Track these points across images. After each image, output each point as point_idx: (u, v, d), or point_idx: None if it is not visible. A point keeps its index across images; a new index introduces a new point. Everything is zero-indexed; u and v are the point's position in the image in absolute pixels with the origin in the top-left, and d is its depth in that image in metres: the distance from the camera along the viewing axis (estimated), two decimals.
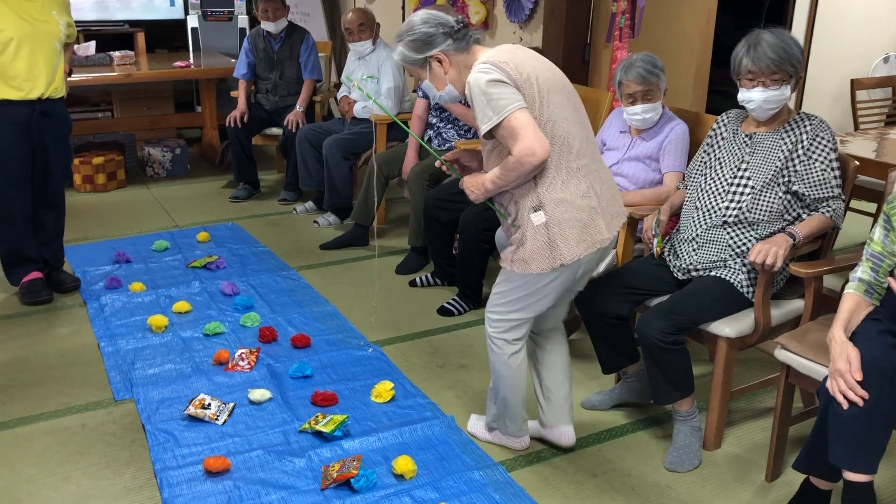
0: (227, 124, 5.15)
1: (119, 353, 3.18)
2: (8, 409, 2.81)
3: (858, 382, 1.93)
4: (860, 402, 1.92)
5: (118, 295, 3.71)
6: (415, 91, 4.69)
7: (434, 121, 4.19)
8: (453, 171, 2.49)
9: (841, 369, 1.97)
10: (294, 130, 4.94)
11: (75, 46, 5.76)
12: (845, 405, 1.94)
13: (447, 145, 4.12)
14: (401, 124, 2.59)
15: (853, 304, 2.13)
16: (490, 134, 2.22)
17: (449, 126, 4.13)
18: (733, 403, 2.83)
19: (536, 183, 2.23)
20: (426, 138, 4.21)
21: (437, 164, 2.51)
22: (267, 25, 5.07)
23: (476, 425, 2.70)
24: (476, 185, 2.34)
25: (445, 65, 2.30)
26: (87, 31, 6.29)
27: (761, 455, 2.57)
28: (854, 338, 2.06)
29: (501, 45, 2.31)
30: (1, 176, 3.48)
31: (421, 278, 3.93)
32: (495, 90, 2.15)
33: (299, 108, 5.06)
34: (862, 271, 2.16)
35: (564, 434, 2.59)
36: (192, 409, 2.74)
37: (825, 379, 2.03)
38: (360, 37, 4.62)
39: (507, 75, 2.16)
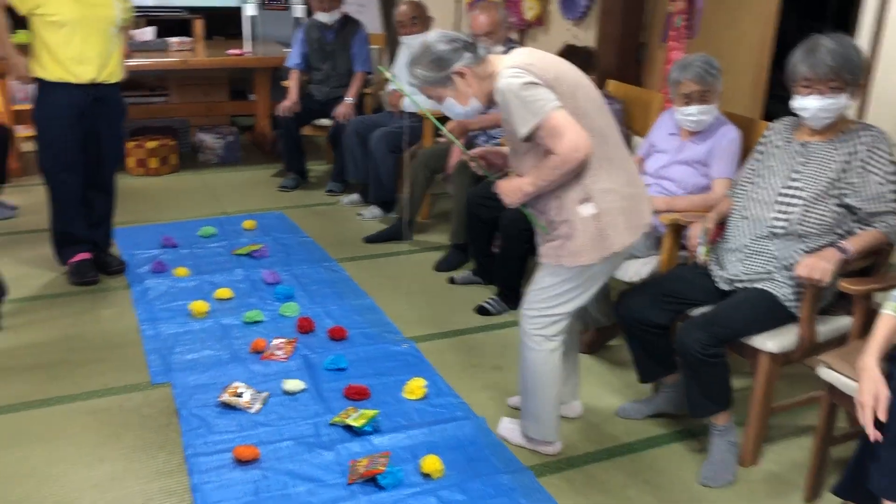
0: (277, 114, 5.20)
1: (160, 337, 3.23)
2: (50, 388, 2.88)
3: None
4: (877, 438, 1.86)
5: (162, 279, 3.77)
6: None
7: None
8: (482, 169, 2.48)
9: (864, 403, 1.90)
10: (343, 122, 4.96)
11: (133, 31, 5.88)
12: (871, 437, 1.87)
13: (493, 141, 4.09)
14: (432, 119, 2.58)
15: (890, 328, 2.02)
16: (528, 137, 2.21)
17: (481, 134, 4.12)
18: (774, 419, 2.75)
19: (581, 176, 2.25)
20: (481, 140, 4.17)
21: (463, 157, 2.52)
22: (321, 16, 5.09)
23: (507, 428, 2.67)
24: (512, 190, 2.32)
25: (468, 78, 2.30)
26: (146, 16, 6.40)
27: (800, 475, 2.49)
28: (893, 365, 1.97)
29: (516, 50, 2.33)
30: (54, 158, 3.58)
31: (461, 275, 3.91)
32: (530, 92, 2.17)
33: (349, 99, 5.07)
34: None
35: (573, 407, 2.76)
36: (225, 397, 2.76)
37: None
38: (411, 30, 4.60)
39: (537, 76, 2.19)
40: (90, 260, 3.78)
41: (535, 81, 2.17)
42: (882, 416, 1.88)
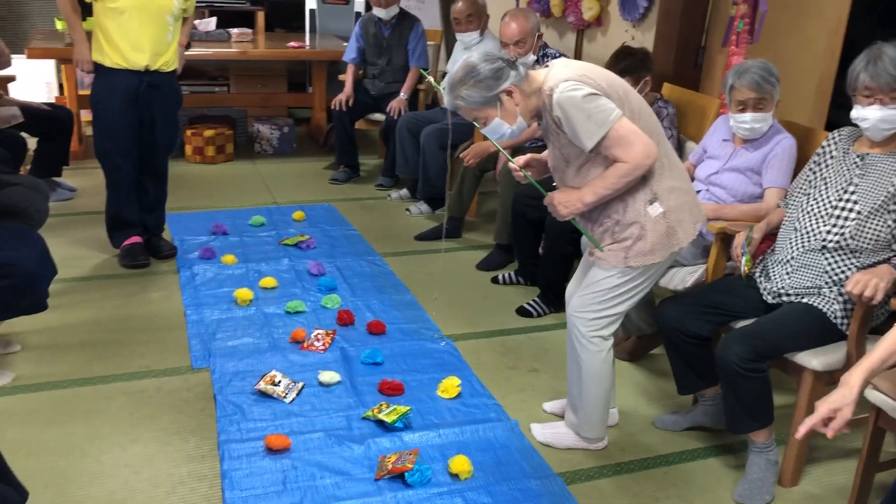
0: (332, 107, 5.24)
1: (203, 323, 3.28)
2: (94, 367, 2.94)
3: None
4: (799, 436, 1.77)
5: (210, 265, 3.83)
6: None
7: None
8: (530, 179, 2.44)
9: (820, 408, 1.77)
10: (396, 117, 4.97)
11: (196, 21, 5.99)
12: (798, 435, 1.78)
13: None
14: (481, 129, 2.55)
15: (892, 347, 1.83)
16: (593, 149, 2.21)
17: None
18: (817, 440, 2.65)
19: (646, 178, 2.27)
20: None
21: (509, 165, 2.49)
22: (378, 12, 5.11)
23: (551, 434, 2.62)
24: (570, 201, 2.31)
25: (516, 96, 2.27)
26: (209, 6, 6.52)
27: (842, 499, 2.40)
28: None
29: (556, 63, 2.30)
30: (109, 142, 3.67)
31: (504, 276, 3.88)
32: (593, 104, 2.17)
33: (403, 95, 5.08)
34: None
35: (610, 415, 2.68)
36: (262, 385, 2.79)
37: None
38: (467, 27, 4.58)
39: (594, 86, 2.19)
40: (141, 244, 3.86)
41: (594, 92, 2.18)
42: (829, 434, 1.73)
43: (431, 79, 2.61)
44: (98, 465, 2.41)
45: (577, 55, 5.12)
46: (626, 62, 3.40)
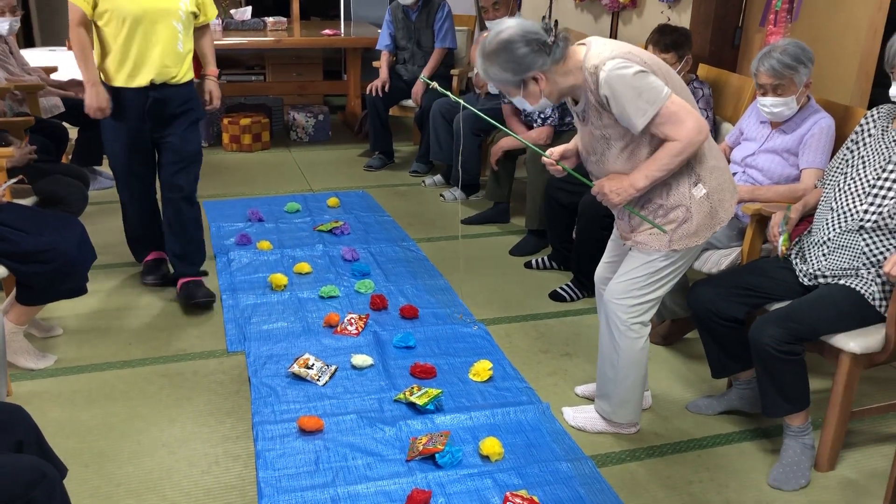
0: (367, 93, 5.26)
1: (238, 307, 3.33)
2: (132, 350, 3.01)
3: None
4: None
5: (246, 251, 3.87)
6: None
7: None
8: (570, 171, 2.42)
9: None
10: (416, 105, 5.00)
11: (232, 11, 6.05)
12: None
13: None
14: (483, 117, 2.56)
15: None
16: (643, 128, 2.16)
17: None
18: (855, 424, 2.61)
19: (689, 159, 2.22)
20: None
21: (544, 160, 2.46)
22: None
23: (583, 418, 2.61)
24: (622, 188, 2.25)
25: (542, 83, 2.19)
26: None
27: (879, 484, 2.35)
28: None
29: (592, 40, 2.22)
30: (119, 163, 3.33)
31: (537, 260, 3.86)
32: (644, 81, 2.11)
33: (422, 76, 5.07)
34: None
35: (646, 398, 2.68)
36: (295, 368, 2.82)
37: None
38: (494, 15, 4.56)
39: (642, 65, 2.13)
40: (165, 259, 3.54)
41: (644, 70, 2.11)
42: None
43: (435, 84, 2.59)
44: (136, 444, 2.47)
45: (613, 38, 5.06)
46: (671, 37, 3.34)
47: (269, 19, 5.98)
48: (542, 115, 4.03)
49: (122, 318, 3.24)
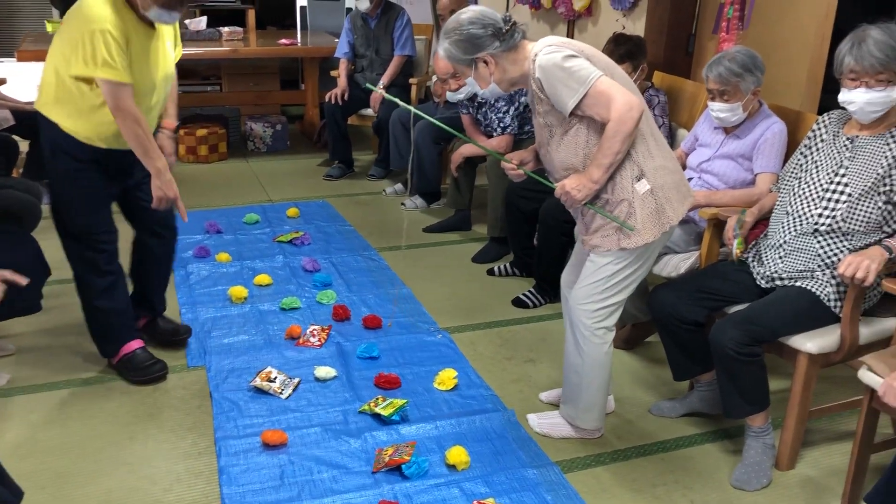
0: (326, 101, 5.23)
1: (198, 321, 3.28)
2: (90, 367, 2.94)
3: None
4: None
5: (205, 264, 3.82)
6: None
7: (479, 117, 4.23)
8: (530, 174, 2.44)
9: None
10: (374, 112, 5.02)
11: (187, 21, 5.98)
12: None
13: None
14: (440, 125, 2.58)
15: None
16: (574, 111, 2.20)
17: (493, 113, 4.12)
18: (813, 423, 2.66)
19: (632, 153, 2.26)
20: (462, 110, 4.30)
21: (504, 165, 2.48)
22: (360, 4, 5.11)
23: (548, 424, 2.62)
24: (581, 183, 2.27)
25: (491, 66, 2.28)
26: (200, 6, 6.50)
27: (838, 481, 2.40)
28: None
29: (545, 38, 2.31)
30: (80, 220, 2.76)
31: (499, 267, 3.88)
32: (573, 63, 2.18)
33: (381, 83, 5.08)
34: None
35: (609, 402, 2.71)
36: (257, 381, 2.79)
37: None
38: None
39: (577, 51, 2.20)
40: (144, 347, 2.93)
41: (574, 54, 2.19)
42: None
43: (383, 91, 2.63)
44: (95, 464, 2.41)
45: None
46: (626, 47, 3.39)
47: (225, 29, 5.92)
48: (501, 125, 4.05)
49: (79, 335, 3.16)
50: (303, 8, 6.80)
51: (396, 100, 2.65)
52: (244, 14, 6.69)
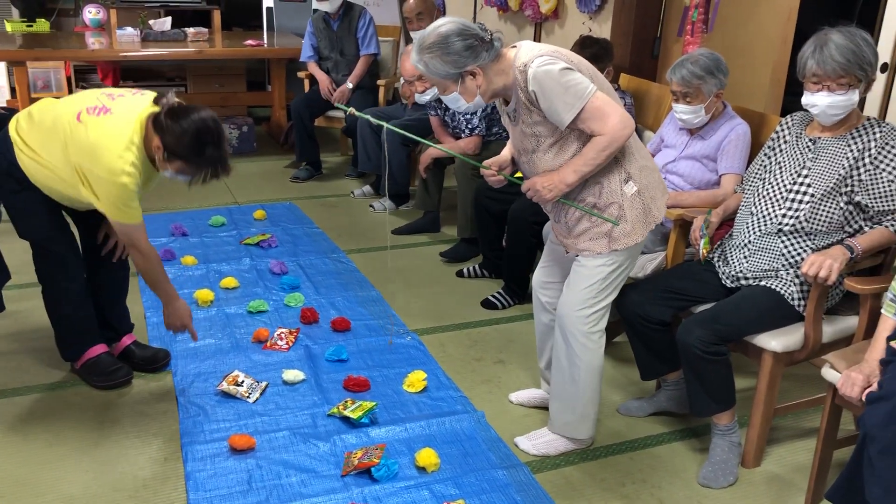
0: (324, 98, 5.17)
1: (163, 325, 3.22)
2: (52, 372, 2.89)
3: (893, 419, 1.82)
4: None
5: (170, 267, 3.76)
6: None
7: (447, 119, 4.23)
8: (509, 178, 2.43)
9: (853, 379, 2.03)
10: (336, 104, 5.01)
11: (152, 21, 5.91)
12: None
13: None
14: (406, 134, 2.59)
15: (890, 328, 2.06)
16: (569, 123, 2.19)
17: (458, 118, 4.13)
18: (778, 421, 2.70)
19: (618, 157, 2.26)
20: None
21: (483, 172, 2.45)
22: (322, 5, 5.09)
23: (542, 443, 2.54)
24: (552, 183, 2.26)
25: (479, 78, 2.21)
26: (164, 6, 6.43)
27: (803, 478, 2.44)
28: (890, 367, 1.94)
29: (523, 43, 2.27)
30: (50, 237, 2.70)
31: (468, 269, 3.88)
32: (569, 77, 2.15)
33: (348, 83, 5.06)
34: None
35: None
36: (224, 385, 2.76)
37: (867, 406, 1.91)
38: (419, 25, 4.58)
39: (568, 62, 2.17)
40: (109, 352, 2.88)
41: (570, 67, 2.16)
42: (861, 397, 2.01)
43: (353, 109, 2.58)
44: (58, 471, 2.37)
45: None
46: (591, 50, 3.42)
47: (190, 30, 5.86)
48: (469, 126, 4.06)
49: (40, 340, 3.10)
50: (269, 9, 6.75)
51: (368, 117, 2.60)
52: (209, 15, 6.62)
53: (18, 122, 2.59)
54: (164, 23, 5.94)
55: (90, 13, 6.43)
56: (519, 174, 2.46)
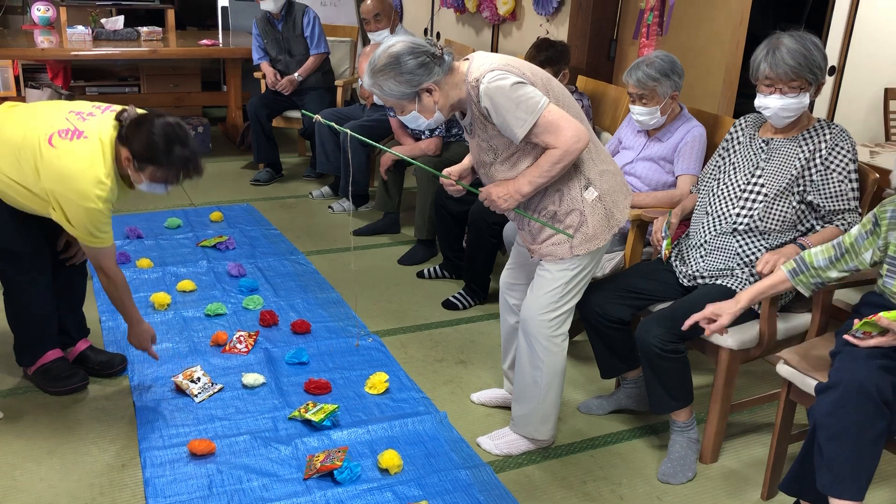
0: (272, 88, 5.13)
1: (119, 329, 3.17)
2: (4, 379, 2.82)
3: (839, 406, 1.88)
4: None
5: (125, 270, 3.69)
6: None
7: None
8: (467, 187, 2.43)
9: (706, 313, 2.25)
10: (287, 93, 5.07)
11: (104, 20, 5.80)
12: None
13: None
14: (371, 143, 2.57)
15: (777, 279, 2.23)
16: (522, 137, 2.18)
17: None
18: (735, 416, 2.75)
19: (577, 164, 2.27)
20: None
21: (442, 181, 2.46)
22: (265, 5, 5.00)
23: (505, 442, 2.56)
24: (508, 193, 2.27)
25: (435, 94, 2.20)
26: (116, 5, 6.32)
27: (759, 472, 2.49)
28: (839, 358, 1.99)
29: (475, 55, 2.26)
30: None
31: (429, 270, 3.88)
32: (521, 92, 2.14)
33: (296, 75, 5.03)
34: (818, 252, 2.16)
35: None
36: (179, 378, 2.74)
37: (817, 397, 1.96)
38: (377, 26, 4.56)
39: (520, 75, 2.16)
40: (64, 357, 2.82)
41: (521, 81, 2.15)
42: (707, 332, 2.28)
43: (319, 118, 2.54)
44: (10, 481, 2.31)
45: (494, 50, 5.16)
46: (546, 53, 3.45)
47: (144, 29, 5.76)
48: (429, 127, 4.05)
49: None
50: (224, 8, 6.66)
51: (332, 124, 2.60)
52: (163, 14, 6.52)
53: None
54: (117, 21, 5.83)
55: (39, 11, 6.28)
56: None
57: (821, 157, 2.41)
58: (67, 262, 2.78)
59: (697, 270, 2.54)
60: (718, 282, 2.49)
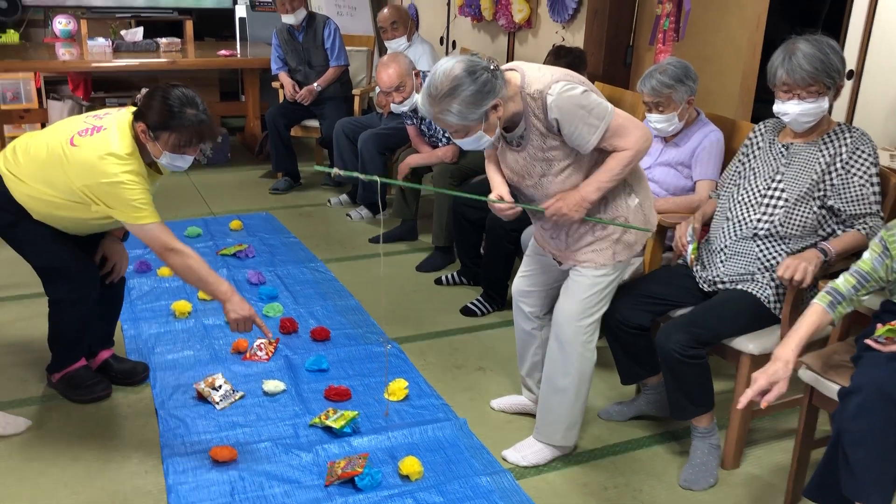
0: (290, 100, 5.16)
1: (141, 337, 3.21)
2: (29, 387, 2.85)
3: (863, 411, 1.85)
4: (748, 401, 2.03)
5: (146, 279, 3.74)
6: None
7: (423, 128, 4.24)
8: (524, 206, 2.34)
9: (758, 379, 2.01)
10: (306, 103, 5.09)
11: (123, 32, 5.87)
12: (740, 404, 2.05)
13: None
14: (437, 189, 2.55)
15: (818, 317, 2.07)
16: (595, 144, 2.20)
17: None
18: (756, 422, 2.73)
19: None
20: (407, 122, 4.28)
21: (497, 206, 2.35)
22: (287, 18, 5.06)
23: (532, 452, 2.54)
24: (575, 203, 2.24)
25: (500, 110, 2.16)
26: (136, 16, 6.39)
27: (782, 478, 2.47)
28: (861, 363, 1.97)
29: (521, 66, 2.23)
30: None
31: (447, 276, 3.89)
32: (591, 99, 2.17)
33: (315, 85, 5.06)
34: (843, 283, 2.08)
35: None
36: (201, 385, 2.76)
37: (840, 401, 1.94)
38: (393, 35, 4.60)
39: (583, 83, 2.19)
40: (88, 366, 2.85)
41: (587, 89, 2.17)
42: (764, 405, 2.00)
43: (339, 171, 2.46)
44: (35, 487, 2.34)
45: (510, 57, 5.18)
46: (565, 60, 3.46)
47: (163, 40, 5.83)
48: (446, 135, 4.08)
49: (15, 354, 3.06)
50: (242, 19, 6.73)
51: (355, 173, 2.49)
52: (182, 25, 6.59)
53: (6, 159, 2.57)
54: (136, 33, 5.90)
55: (60, 24, 6.37)
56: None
57: (842, 161, 2.40)
58: (106, 279, 2.80)
59: (718, 275, 2.53)
60: (739, 287, 2.49)
